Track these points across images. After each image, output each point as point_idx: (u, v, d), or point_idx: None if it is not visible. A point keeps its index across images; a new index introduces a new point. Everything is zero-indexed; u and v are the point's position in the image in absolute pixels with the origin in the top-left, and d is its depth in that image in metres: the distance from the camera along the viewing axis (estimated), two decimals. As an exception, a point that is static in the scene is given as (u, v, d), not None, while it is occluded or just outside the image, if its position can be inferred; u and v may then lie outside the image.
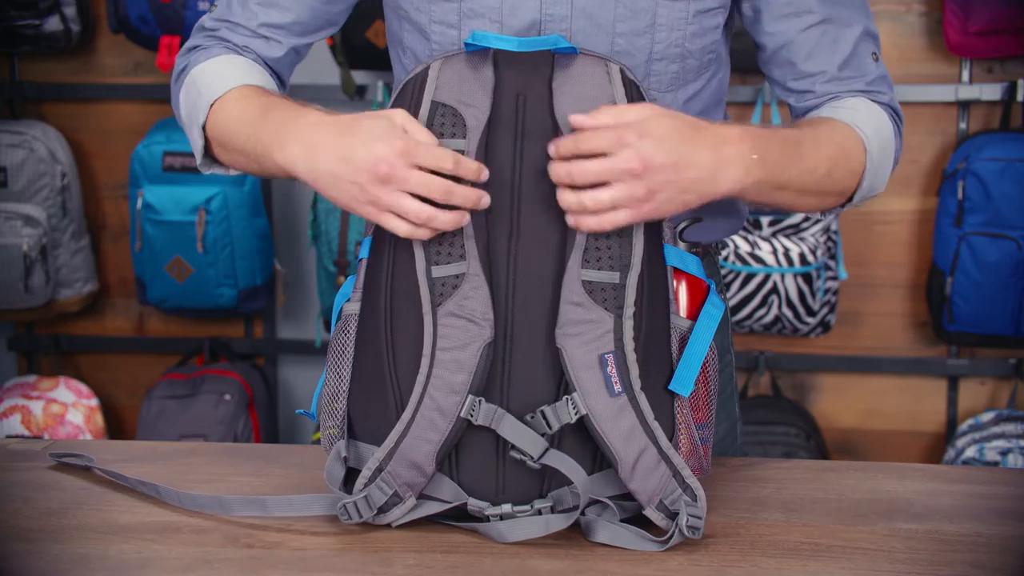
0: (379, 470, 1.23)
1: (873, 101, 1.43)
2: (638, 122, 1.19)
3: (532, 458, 1.21)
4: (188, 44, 1.49)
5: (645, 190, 1.19)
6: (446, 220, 1.20)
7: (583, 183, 1.19)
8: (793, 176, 1.30)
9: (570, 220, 1.20)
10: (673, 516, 1.22)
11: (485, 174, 1.21)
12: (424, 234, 1.21)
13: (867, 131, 1.38)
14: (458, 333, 1.21)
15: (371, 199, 1.21)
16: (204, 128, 1.41)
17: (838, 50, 1.42)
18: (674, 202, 1.21)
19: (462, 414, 1.21)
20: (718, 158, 1.22)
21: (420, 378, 1.22)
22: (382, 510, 1.24)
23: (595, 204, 1.18)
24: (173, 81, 1.49)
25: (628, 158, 1.18)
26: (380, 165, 1.19)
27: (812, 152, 1.32)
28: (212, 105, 1.39)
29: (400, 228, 1.21)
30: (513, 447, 1.21)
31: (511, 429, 1.21)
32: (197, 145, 1.43)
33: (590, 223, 1.19)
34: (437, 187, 1.19)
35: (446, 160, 1.19)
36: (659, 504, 1.22)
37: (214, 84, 1.40)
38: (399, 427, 1.22)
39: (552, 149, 1.21)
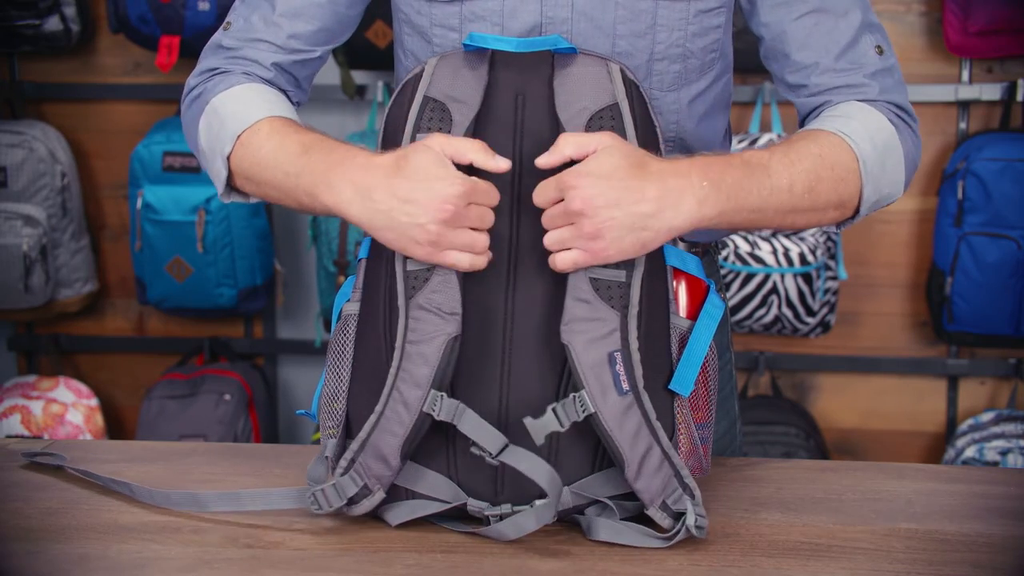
0: (352, 461, 1.23)
1: (870, 102, 1.38)
2: (582, 163, 1.20)
3: (490, 454, 1.21)
4: (204, 66, 1.45)
5: (592, 229, 1.19)
6: (485, 243, 1.23)
7: (550, 228, 1.22)
8: (765, 197, 1.26)
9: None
10: (676, 516, 1.22)
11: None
12: (483, 262, 1.22)
13: (856, 138, 1.33)
14: (425, 327, 1.21)
15: (433, 239, 1.20)
16: (229, 159, 1.38)
17: (834, 40, 1.39)
18: (625, 240, 1.20)
19: (424, 408, 1.21)
20: (664, 191, 1.20)
21: (391, 371, 1.22)
22: (352, 501, 1.24)
23: (550, 244, 1.21)
24: (185, 105, 1.45)
25: (571, 199, 1.19)
26: (445, 206, 1.19)
27: (782, 170, 1.28)
28: (239, 136, 1.36)
29: (462, 261, 1.21)
30: (473, 443, 1.21)
31: (471, 425, 1.21)
32: (220, 176, 1.39)
33: (554, 263, 1.22)
34: (490, 219, 1.22)
35: (494, 197, 1.22)
36: (662, 504, 1.22)
37: (239, 114, 1.37)
38: (372, 419, 1.23)
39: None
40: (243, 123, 1.36)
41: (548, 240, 1.21)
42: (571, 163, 1.22)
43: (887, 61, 1.40)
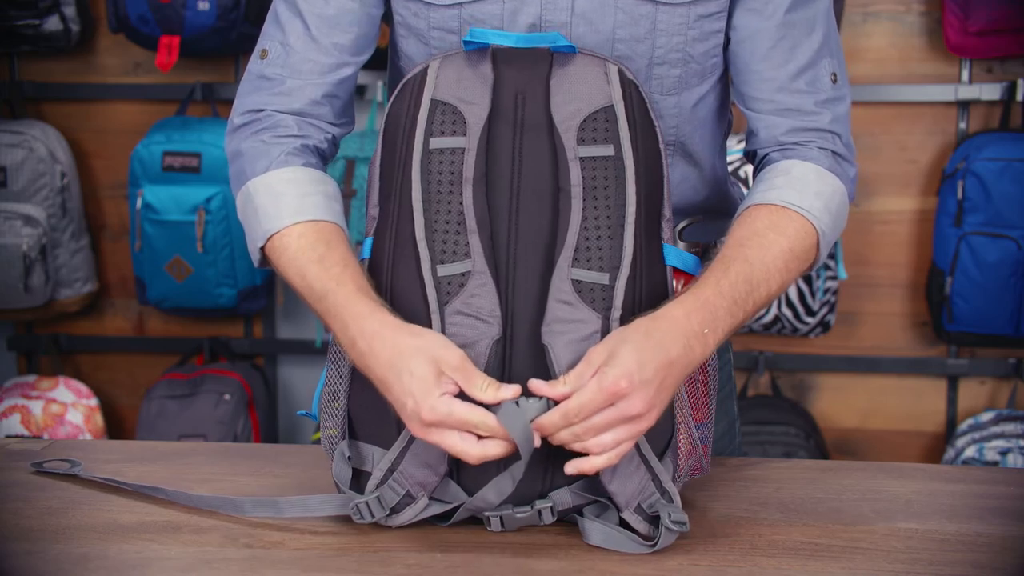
0: (391, 470, 1.22)
1: (817, 160, 1.36)
2: (609, 367, 1.15)
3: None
4: (248, 104, 1.40)
5: (650, 420, 1.18)
6: (488, 452, 1.17)
7: (591, 438, 1.17)
8: (749, 309, 1.28)
9: (570, 468, 1.18)
10: (651, 519, 1.21)
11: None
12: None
13: (817, 212, 1.34)
14: (467, 331, 1.21)
15: (417, 432, 1.19)
16: (263, 249, 1.35)
17: (793, 58, 1.37)
18: (664, 405, 1.20)
19: None
20: (681, 350, 1.20)
21: None
22: (395, 510, 1.23)
23: (600, 447, 1.17)
24: (229, 151, 1.41)
25: (630, 406, 1.15)
26: (413, 424, 1.17)
27: (763, 278, 1.28)
28: (269, 237, 1.33)
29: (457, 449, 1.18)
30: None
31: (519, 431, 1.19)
32: (254, 255, 1.37)
33: (599, 462, 1.17)
34: (473, 455, 1.16)
35: (482, 428, 1.15)
36: (637, 507, 1.21)
37: (270, 213, 1.34)
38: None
39: (556, 438, 1.17)
40: (274, 226, 1.33)
41: (600, 443, 1.16)
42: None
43: (839, 91, 1.40)
